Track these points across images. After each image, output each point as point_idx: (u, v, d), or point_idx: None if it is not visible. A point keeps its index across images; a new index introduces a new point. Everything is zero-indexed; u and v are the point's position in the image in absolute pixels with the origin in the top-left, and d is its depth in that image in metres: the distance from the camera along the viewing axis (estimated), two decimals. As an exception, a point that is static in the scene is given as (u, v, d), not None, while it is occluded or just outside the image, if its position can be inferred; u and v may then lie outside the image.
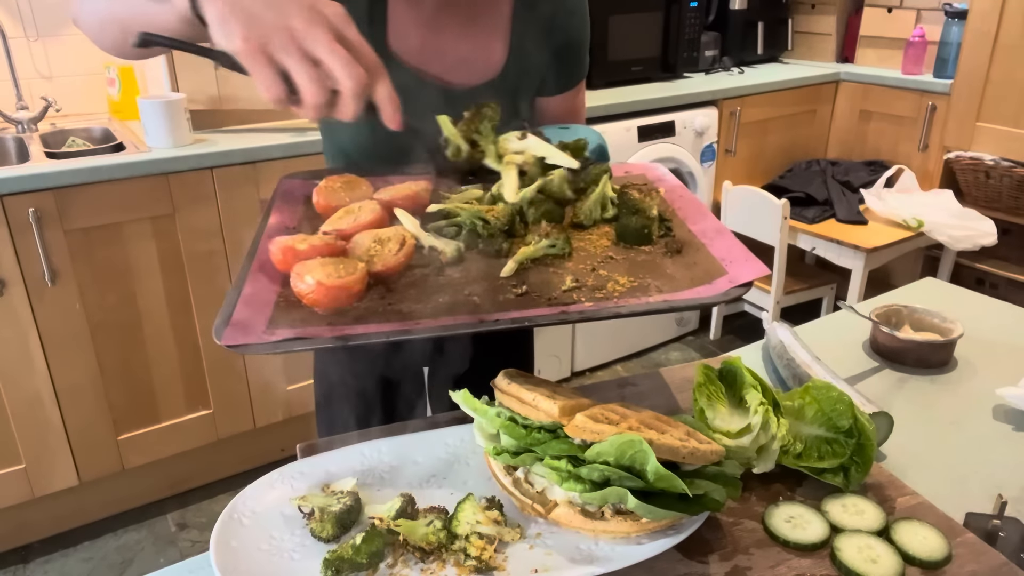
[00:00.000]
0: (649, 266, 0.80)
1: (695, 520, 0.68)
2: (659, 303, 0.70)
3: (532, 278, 0.77)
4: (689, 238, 0.86)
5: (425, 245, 0.81)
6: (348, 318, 0.68)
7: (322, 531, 0.68)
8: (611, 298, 0.72)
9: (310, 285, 0.68)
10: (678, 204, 0.95)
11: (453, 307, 0.71)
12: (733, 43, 3.23)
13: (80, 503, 2.11)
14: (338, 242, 0.78)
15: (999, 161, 2.67)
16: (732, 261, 0.78)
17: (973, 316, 1.17)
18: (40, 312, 1.83)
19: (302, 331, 0.65)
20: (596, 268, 0.79)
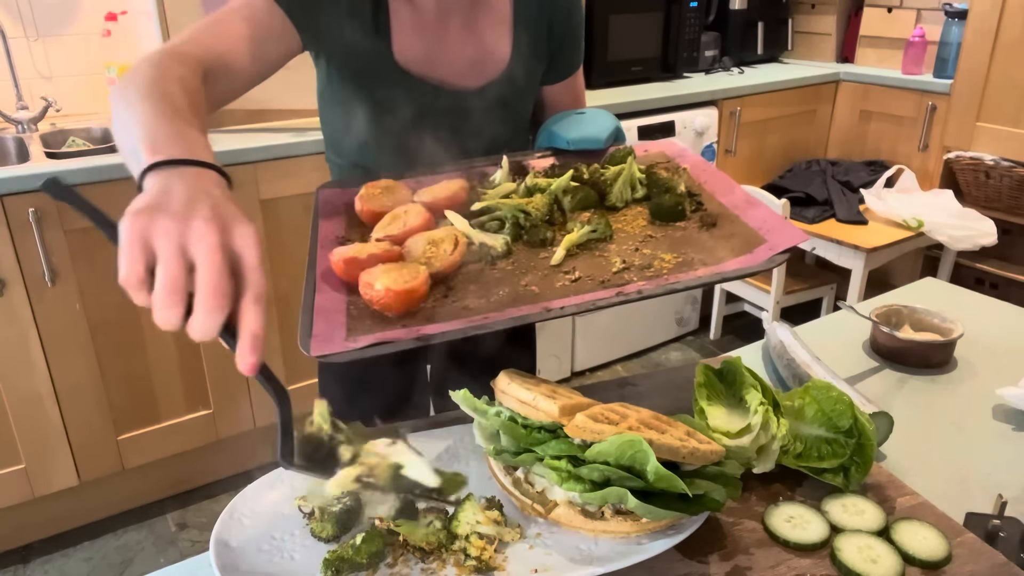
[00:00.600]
0: (688, 241, 0.82)
1: (695, 520, 0.68)
2: (710, 275, 0.72)
3: (581, 264, 0.79)
4: (722, 211, 0.87)
5: (475, 242, 0.84)
6: (419, 319, 0.71)
7: (322, 531, 0.68)
8: (661, 275, 0.74)
9: (380, 292, 0.71)
10: (704, 178, 0.97)
11: (515, 299, 0.74)
12: (733, 43, 3.23)
13: (80, 503, 2.11)
14: (394, 248, 0.81)
15: (999, 161, 2.67)
16: (769, 230, 0.79)
17: (973, 316, 1.17)
18: (40, 312, 1.83)
19: (382, 335, 0.67)
20: (639, 248, 0.81)
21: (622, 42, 2.78)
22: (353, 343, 0.66)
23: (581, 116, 1.11)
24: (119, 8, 2.32)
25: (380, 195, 0.93)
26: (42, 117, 2.21)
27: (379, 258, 0.77)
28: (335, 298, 0.76)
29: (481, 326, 0.67)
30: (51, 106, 2.21)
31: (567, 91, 1.20)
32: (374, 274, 0.73)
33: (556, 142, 1.08)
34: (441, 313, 0.72)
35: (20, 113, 2.18)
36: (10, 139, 2.12)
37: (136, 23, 2.31)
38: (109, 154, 1.92)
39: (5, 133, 2.15)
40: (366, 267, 0.76)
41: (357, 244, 0.81)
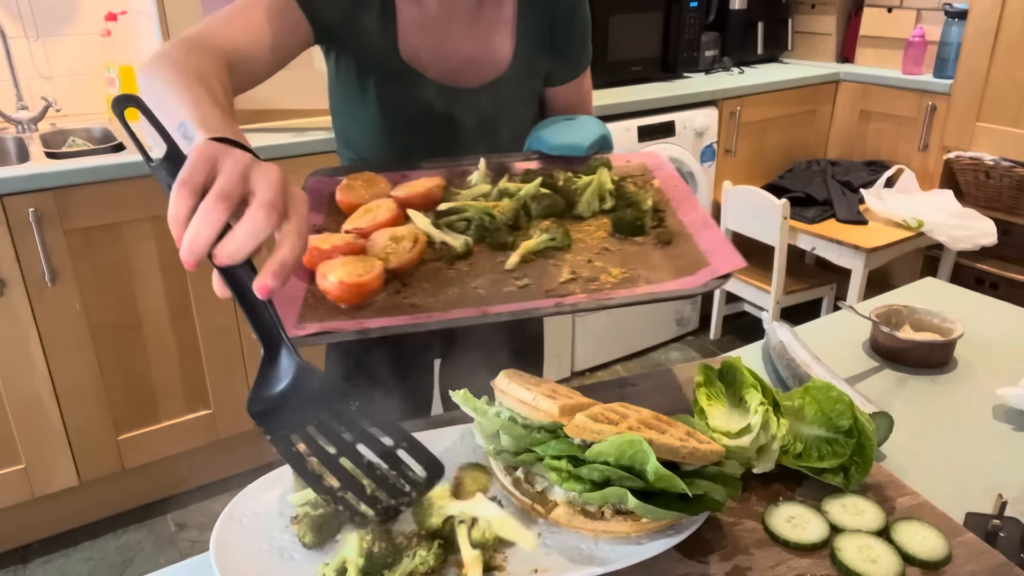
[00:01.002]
0: (640, 257, 0.83)
1: (695, 520, 0.68)
2: (643, 295, 0.74)
3: (534, 271, 0.80)
4: (679, 229, 0.88)
5: (437, 241, 0.85)
6: (369, 311, 0.73)
7: (304, 536, 0.68)
8: (603, 289, 0.75)
9: (333, 283, 0.73)
10: (672, 194, 0.97)
11: (461, 299, 0.75)
12: (733, 43, 3.23)
13: (80, 503, 2.10)
14: (358, 240, 0.83)
15: (999, 161, 2.67)
16: (714, 253, 0.80)
17: (973, 316, 1.17)
18: (40, 312, 1.83)
19: (327, 325, 0.69)
20: (592, 260, 0.82)
21: (622, 42, 2.78)
22: (300, 330, 0.68)
23: (569, 122, 1.11)
24: (119, 8, 2.32)
25: (360, 187, 0.95)
26: (42, 117, 2.21)
27: (341, 250, 0.80)
28: (295, 285, 0.78)
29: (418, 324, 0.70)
30: (51, 106, 2.21)
31: (573, 93, 1.20)
32: (331, 266, 0.75)
33: (540, 146, 1.09)
34: (390, 308, 0.74)
35: (20, 113, 2.18)
36: (10, 139, 2.12)
37: (136, 23, 2.31)
38: (109, 154, 1.92)
39: (5, 133, 2.15)
40: (327, 257, 0.78)
41: (324, 234, 0.83)
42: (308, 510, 0.69)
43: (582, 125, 1.10)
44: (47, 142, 2.12)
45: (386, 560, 0.63)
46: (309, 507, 0.69)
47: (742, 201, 2.83)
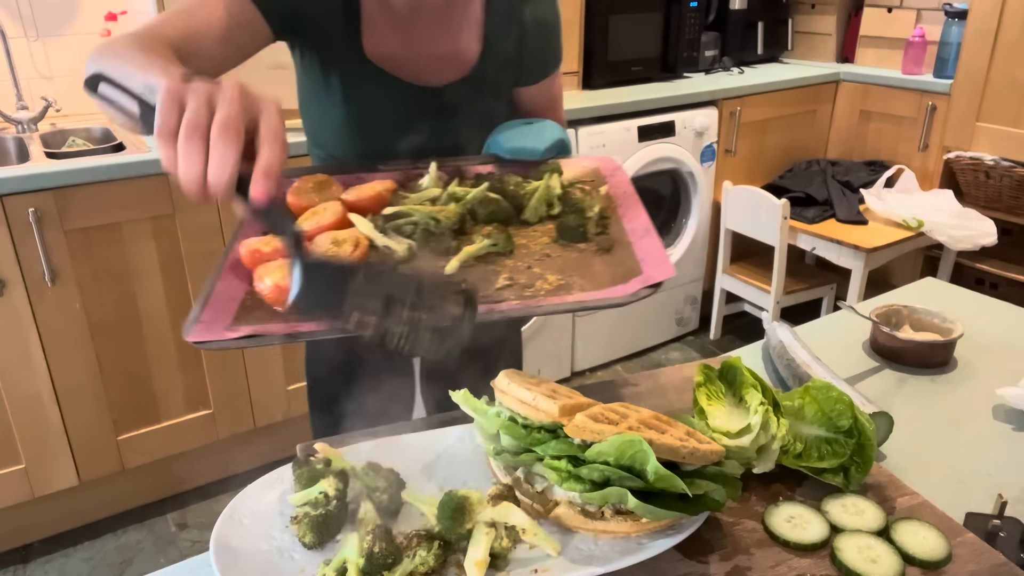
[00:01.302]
0: (580, 264, 0.83)
1: (695, 520, 0.68)
2: (572, 303, 0.74)
3: (473, 276, 0.81)
4: (621, 236, 0.88)
5: (379, 245, 0.85)
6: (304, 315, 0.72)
7: (304, 536, 0.68)
8: (537, 296, 0.75)
9: (268, 286, 0.73)
10: (620, 200, 0.97)
11: None
12: (733, 43, 3.23)
13: (80, 503, 2.11)
14: None
15: (999, 161, 2.67)
16: (649, 262, 0.80)
17: (973, 316, 1.17)
18: (40, 312, 1.83)
19: (259, 328, 0.69)
20: (532, 266, 0.83)
21: (622, 42, 2.78)
22: (232, 332, 0.68)
23: (527, 126, 1.11)
24: (119, 8, 2.32)
25: (310, 190, 0.95)
26: (42, 117, 2.21)
27: (281, 252, 0.79)
28: (236, 287, 0.78)
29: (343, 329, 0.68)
30: (51, 106, 2.21)
31: (541, 96, 1.20)
32: (268, 269, 0.75)
33: (497, 150, 1.08)
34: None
35: (20, 113, 2.18)
36: (10, 139, 2.12)
37: (136, 23, 2.31)
38: (109, 154, 1.92)
39: (5, 133, 2.15)
40: (268, 259, 0.78)
41: (267, 237, 0.83)
42: (308, 510, 0.69)
43: (540, 129, 1.09)
44: (47, 142, 2.12)
45: (386, 560, 0.63)
46: (309, 507, 0.69)
47: (742, 201, 2.83)
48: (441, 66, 1.07)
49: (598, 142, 2.52)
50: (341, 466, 0.74)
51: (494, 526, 0.66)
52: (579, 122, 2.49)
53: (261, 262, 0.78)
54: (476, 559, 0.63)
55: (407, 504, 0.72)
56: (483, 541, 0.64)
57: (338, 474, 0.72)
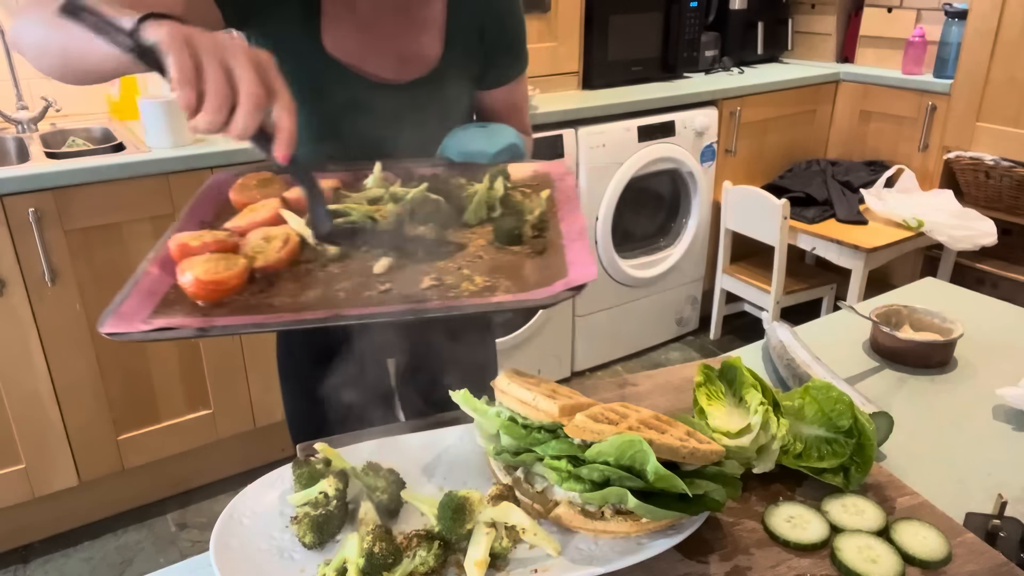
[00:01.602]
0: (510, 266, 0.82)
1: (695, 520, 0.68)
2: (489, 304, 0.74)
3: (401, 276, 0.80)
4: (555, 239, 0.88)
5: (311, 242, 0.85)
6: (227, 309, 0.73)
7: (304, 536, 0.68)
8: (459, 298, 0.75)
9: (189, 280, 0.74)
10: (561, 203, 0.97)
11: (318, 302, 0.75)
12: (733, 43, 3.23)
13: (80, 503, 2.11)
14: (232, 239, 0.83)
15: (999, 161, 2.67)
16: (575, 264, 0.80)
17: (973, 316, 1.17)
18: (40, 312, 1.83)
19: (167, 321, 0.70)
20: (462, 267, 0.82)
21: (622, 42, 2.78)
22: (146, 325, 0.69)
23: (481, 129, 1.10)
24: (119, 8, 2.32)
25: (253, 187, 0.95)
26: (42, 117, 2.21)
27: (210, 247, 0.80)
28: (162, 280, 0.78)
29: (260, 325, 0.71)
30: (51, 106, 2.21)
31: (503, 99, 1.19)
32: (192, 263, 0.76)
33: (449, 152, 1.08)
34: (248, 307, 0.74)
35: (20, 113, 2.18)
36: (10, 139, 2.12)
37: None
38: (109, 154, 1.92)
39: (5, 133, 2.15)
40: (195, 254, 0.78)
41: (196, 232, 0.83)
42: (308, 510, 0.69)
43: (493, 133, 1.09)
44: (47, 142, 2.12)
45: (386, 560, 0.63)
46: (309, 507, 0.69)
47: (742, 201, 2.83)
48: (402, 64, 1.07)
49: (598, 142, 2.52)
50: (341, 466, 0.74)
51: (494, 526, 0.66)
52: (579, 122, 2.49)
53: (188, 256, 0.78)
54: (476, 559, 0.63)
55: (407, 504, 0.72)
56: (483, 541, 0.64)
57: (338, 474, 0.72)
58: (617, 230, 2.71)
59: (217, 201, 0.97)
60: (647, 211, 2.90)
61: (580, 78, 2.76)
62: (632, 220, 2.81)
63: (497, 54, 1.14)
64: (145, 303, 0.73)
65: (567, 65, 2.71)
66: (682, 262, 2.95)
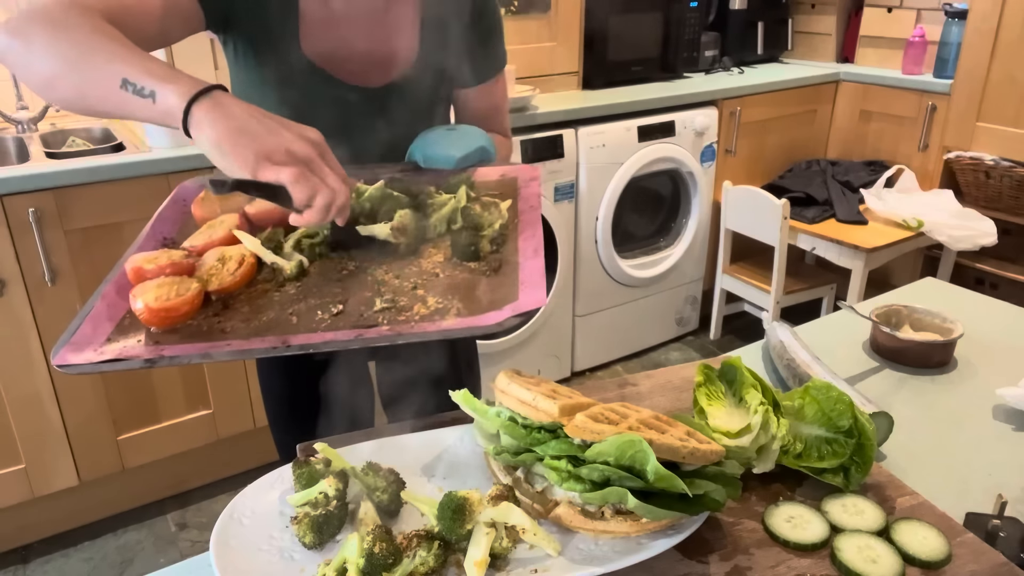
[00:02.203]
0: (464, 286, 0.80)
1: (695, 520, 0.68)
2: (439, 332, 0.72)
3: (355, 298, 0.79)
4: (511, 255, 0.86)
5: (267, 262, 0.83)
6: (178, 335, 0.72)
7: (304, 536, 0.68)
8: (409, 322, 0.74)
9: (140, 308, 0.73)
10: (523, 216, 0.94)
11: (270, 327, 0.74)
12: (733, 43, 3.23)
13: (80, 503, 2.11)
14: (187, 260, 0.81)
15: (999, 161, 2.67)
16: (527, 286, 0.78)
17: (973, 316, 1.17)
18: (40, 312, 1.83)
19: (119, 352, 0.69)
20: (417, 287, 0.81)
21: (622, 42, 2.78)
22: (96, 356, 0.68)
23: (450, 132, 1.09)
24: (119, 8, 2.32)
25: (214, 201, 0.92)
26: (42, 117, 2.21)
27: (164, 269, 0.78)
28: (117, 305, 0.76)
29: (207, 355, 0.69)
30: (51, 106, 2.21)
31: (481, 99, 1.18)
32: (143, 288, 0.74)
33: (414, 156, 1.07)
34: (201, 332, 0.73)
35: (20, 113, 2.18)
36: (10, 139, 2.12)
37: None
38: (109, 154, 1.92)
39: (5, 133, 2.15)
40: (150, 277, 0.76)
41: (153, 252, 0.81)
42: (308, 510, 0.69)
43: (460, 136, 1.08)
44: (47, 142, 2.12)
45: (386, 560, 0.63)
46: (309, 507, 0.69)
47: (742, 201, 2.83)
48: (378, 67, 1.06)
49: (598, 142, 2.52)
50: (341, 466, 0.74)
51: (494, 526, 0.66)
52: (579, 122, 2.49)
53: (142, 279, 0.76)
54: (476, 559, 0.63)
55: (407, 504, 0.72)
56: (483, 541, 0.64)
57: (338, 474, 0.72)
58: (617, 230, 2.71)
59: (180, 214, 0.95)
60: (647, 211, 2.90)
61: (580, 78, 2.76)
62: (632, 220, 2.81)
63: (474, 50, 1.13)
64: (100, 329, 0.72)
65: (567, 65, 2.71)
66: (682, 262, 2.95)
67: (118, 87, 0.75)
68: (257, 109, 0.76)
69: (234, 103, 0.75)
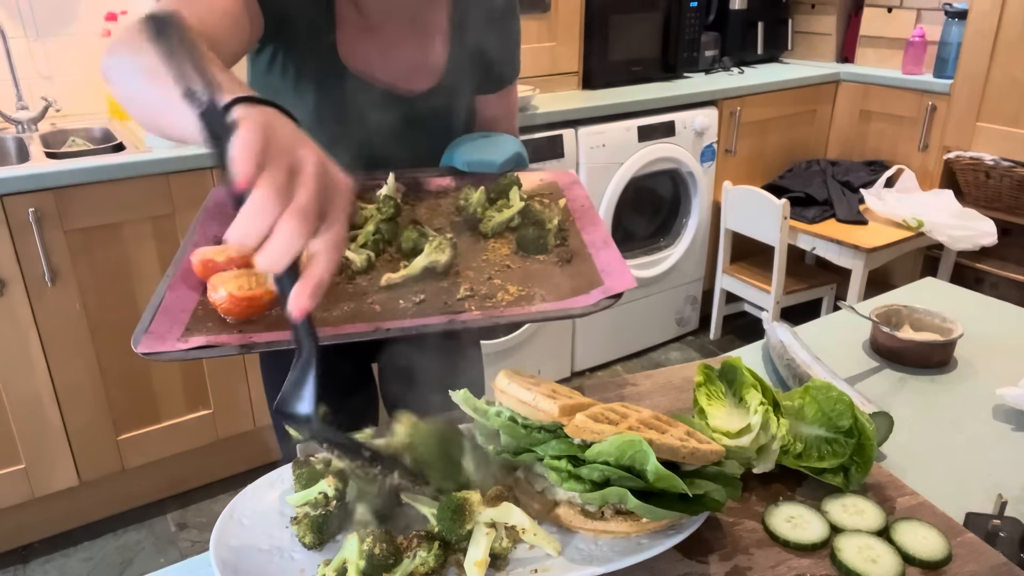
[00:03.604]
0: (541, 275, 0.83)
1: (695, 520, 0.68)
2: (534, 313, 0.74)
3: (432, 287, 0.81)
4: (580, 248, 0.89)
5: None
6: (260, 326, 0.73)
7: (304, 536, 0.68)
8: (499, 307, 0.76)
9: (222, 297, 0.73)
10: (578, 214, 0.98)
11: (355, 315, 0.75)
12: (733, 43, 3.23)
13: (80, 503, 2.11)
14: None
15: (999, 161, 2.67)
16: (609, 272, 0.80)
17: (973, 316, 1.17)
18: (40, 312, 1.83)
19: (213, 339, 0.69)
20: (492, 277, 0.83)
21: (622, 42, 2.78)
22: (183, 343, 0.68)
23: (485, 139, 1.11)
24: (119, 8, 2.32)
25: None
26: (42, 117, 2.21)
27: (236, 262, 0.78)
28: (187, 297, 0.77)
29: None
30: (51, 106, 2.21)
31: (498, 105, 1.20)
32: (223, 279, 0.74)
33: (454, 162, 1.09)
34: (280, 322, 0.74)
35: (20, 113, 2.18)
36: (10, 139, 2.12)
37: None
38: (109, 154, 1.92)
39: (5, 133, 2.15)
40: (221, 269, 0.77)
41: (219, 246, 0.82)
42: (308, 510, 0.69)
43: (497, 142, 1.10)
44: (47, 142, 2.12)
45: (387, 561, 0.63)
46: (309, 507, 0.69)
47: (742, 201, 2.83)
48: (413, 74, 1.08)
49: (598, 142, 2.52)
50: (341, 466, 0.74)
51: (494, 526, 0.66)
52: (579, 122, 2.49)
53: (214, 271, 0.77)
54: (476, 559, 0.63)
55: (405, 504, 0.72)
56: (483, 541, 0.64)
57: (338, 474, 0.72)
58: (617, 230, 2.71)
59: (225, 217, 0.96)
60: (647, 211, 2.90)
61: (580, 78, 2.76)
62: (632, 220, 2.81)
63: (497, 57, 1.15)
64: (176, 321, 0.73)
65: (567, 65, 2.71)
66: (682, 262, 2.95)
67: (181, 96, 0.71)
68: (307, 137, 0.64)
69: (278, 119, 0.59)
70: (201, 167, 1.92)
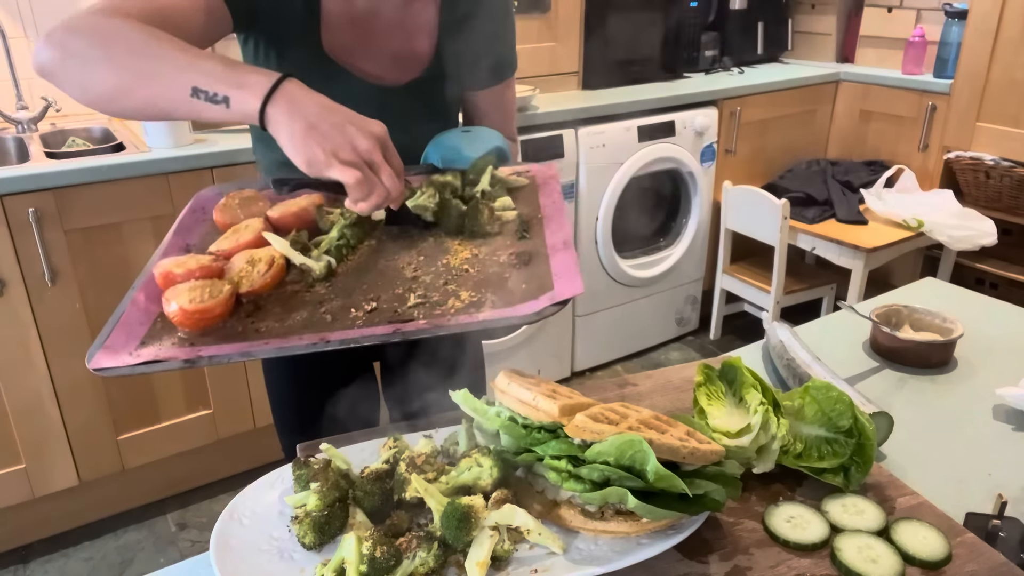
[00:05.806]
0: (496, 280, 0.82)
1: (695, 520, 0.68)
2: (480, 322, 0.73)
3: (387, 294, 0.80)
4: (540, 248, 0.87)
5: (296, 263, 0.84)
6: (213, 337, 0.73)
7: (304, 536, 0.68)
8: (447, 315, 0.75)
9: (174, 310, 0.73)
10: (548, 212, 0.95)
11: (305, 325, 0.74)
12: (733, 43, 3.23)
13: (80, 503, 2.11)
14: (216, 263, 0.81)
15: (999, 161, 2.67)
16: (560, 277, 0.79)
17: (973, 316, 1.17)
18: (40, 312, 1.83)
19: (157, 353, 0.70)
20: (449, 282, 0.82)
21: (622, 42, 2.78)
22: (133, 359, 0.69)
23: (465, 134, 1.10)
24: (119, 8, 2.32)
25: (236, 206, 0.93)
26: (42, 117, 2.21)
27: (194, 274, 0.78)
28: (148, 310, 0.77)
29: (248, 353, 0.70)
30: (51, 106, 2.21)
31: (492, 101, 1.19)
32: (177, 291, 0.75)
33: (430, 158, 1.08)
34: (236, 333, 0.74)
35: (20, 113, 2.18)
36: (10, 139, 2.12)
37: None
38: (109, 154, 1.92)
39: (5, 133, 2.15)
40: (180, 281, 0.77)
41: (180, 257, 0.82)
42: (308, 510, 0.69)
43: (476, 137, 1.09)
44: (47, 142, 2.12)
45: (387, 562, 0.63)
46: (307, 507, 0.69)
47: (742, 201, 2.83)
48: (398, 65, 1.07)
49: (598, 142, 2.52)
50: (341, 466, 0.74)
51: (497, 529, 0.66)
52: (579, 122, 2.49)
53: (172, 284, 0.77)
54: (478, 560, 0.63)
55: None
56: (486, 543, 0.64)
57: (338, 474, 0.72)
58: (617, 230, 2.71)
59: (200, 222, 0.96)
60: (647, 211, 2.90)
61: (580, 78, 2.76)
62: (632, 220, 2.81)
63: (488, 53, 1.14)
64: (132, 334, 0.73)
65: (567, 65, 2.71)
66: (682, 262, 2.95)
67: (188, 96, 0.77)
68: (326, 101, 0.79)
69: (306, 96, 0.78)
70: (201, 167, 1.93)
